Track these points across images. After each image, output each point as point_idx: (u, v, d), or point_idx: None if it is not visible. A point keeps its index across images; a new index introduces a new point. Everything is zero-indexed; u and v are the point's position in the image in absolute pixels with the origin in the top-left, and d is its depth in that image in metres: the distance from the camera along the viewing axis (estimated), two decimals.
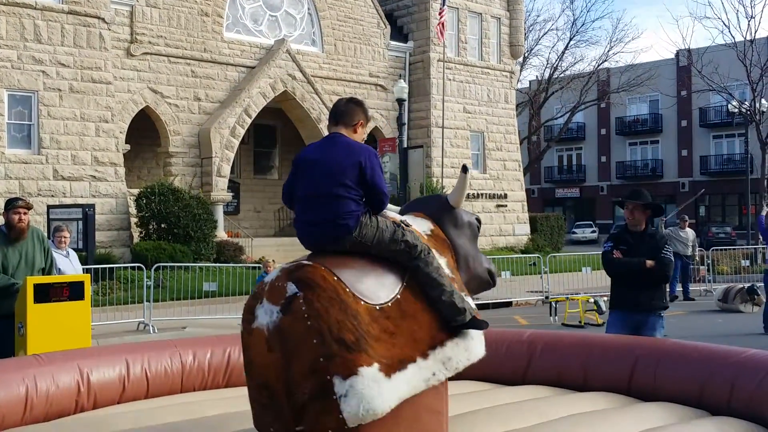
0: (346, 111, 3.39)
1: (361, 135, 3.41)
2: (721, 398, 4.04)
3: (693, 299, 15.34)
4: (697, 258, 16.65)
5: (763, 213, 12.17)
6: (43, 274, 5.92)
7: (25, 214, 5.73)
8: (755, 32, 32.92)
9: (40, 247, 5.92)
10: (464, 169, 3.56)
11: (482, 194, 26.93)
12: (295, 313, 2.92)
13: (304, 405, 2.90)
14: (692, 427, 3.75)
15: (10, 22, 17.29)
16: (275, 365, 2.95)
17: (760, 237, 11.79)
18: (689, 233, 15.39)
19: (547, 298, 14.86)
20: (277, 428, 3.00)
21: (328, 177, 3.21)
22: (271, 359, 2.95)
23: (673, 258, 5.58)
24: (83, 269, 11.46)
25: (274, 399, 2.98)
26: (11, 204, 5.77)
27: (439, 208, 3.69)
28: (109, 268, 13.85)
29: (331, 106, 3.51)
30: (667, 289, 15.53)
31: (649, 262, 5.40)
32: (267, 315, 2.98)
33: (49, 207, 16.62)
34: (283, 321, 2.94)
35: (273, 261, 11.65)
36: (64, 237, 7.81)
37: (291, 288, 2.97)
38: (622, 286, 5.57)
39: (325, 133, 16.31)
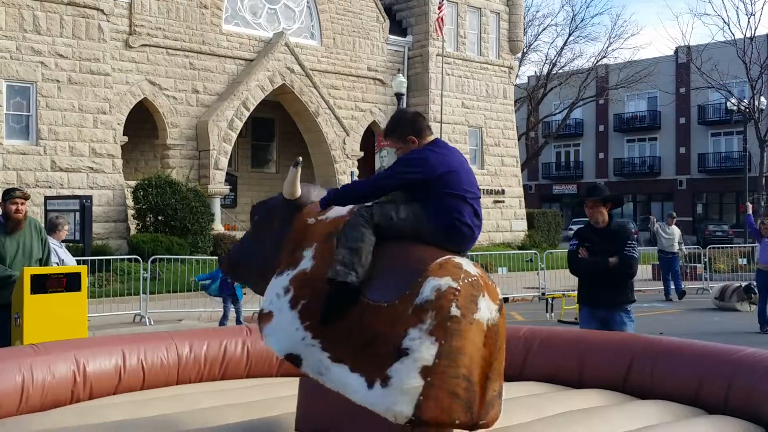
0: None
1: None
2: (718, 397, 4.04)
3: (684, 292, 15.35)
4: (684, 252, 16.72)
5: (749, 212, 12.37)
6: (40, 265, 5.92)
7: (22, 204, 5.72)
8: (755, 29, 32.93)
9: (38, 238, 5.92)
10: (295, 163, 3.54)
11: (479, 189, 26.92)
12: (504, 317, 3.18)
13: (491, 401, 3.08)
14: (688, 425, 3.75)
15: (9, 12, 17.22)
16: (483, 361, 3.03)
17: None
18: (675, 230, 15.47)
19: (543, 294, 14.88)
20: (464, 420, 2.97)
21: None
22: (482, 354, 3.03)
23: (636, 254, 5.57)
24: (81, 261, 11.46)
25: (470, 392, 2.98)
26: (8, 194, 5.76)
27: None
28: (106, 259, 13.84)
29: (416, 116, 3.56)
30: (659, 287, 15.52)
31: (612, 260, 5.43)
32: (488, 311, 3.06)
33: (46, 198, 16.59)
34: (500, 321, 3.12)
35: None
36: (65, 230, 7.86)
37: (499, 292, 3.19)
38: (586, 283, 5.69)
39: (324, 127, 16.44)
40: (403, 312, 3.01)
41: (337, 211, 3.49)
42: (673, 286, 15.46)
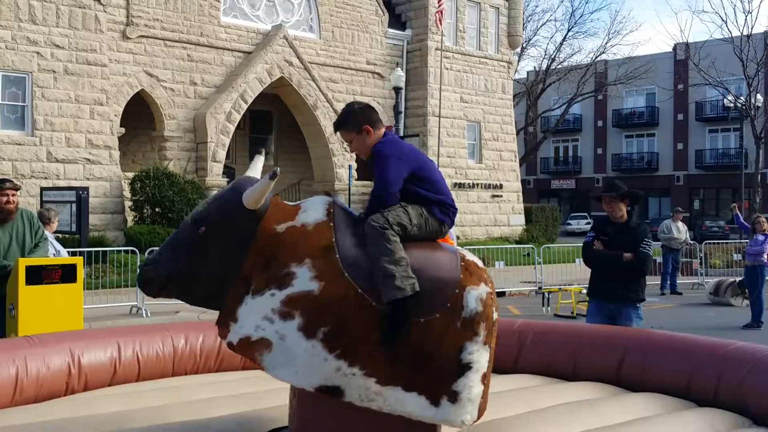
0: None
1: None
2: (708, 390, 4.08)
3: (680, 293, 15.41)
4: (690, 244, 16.73)
5: (735, 212, 12.65)
6: (31, 254, 5.90)
7: (13, 195, 5.71)
8: (752, 27, 32.99)
9: (30, 229, 5.90)
10: (273, 174, 2.96)
11: (478, 184, 26.94)
12: None
13: None
14: (678, 417, 3.78)
15: (4, 2, 17.14)
16: None
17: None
18: (681, 227, 15.44)
19: (540, 288, 14.92)
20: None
21: None
22: None
23: (651, 252, 5.68)
24: (77, 252, 11.46)
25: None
26: None
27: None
28: (103, 251, 13.84)
29: (369, 107, 3.44)
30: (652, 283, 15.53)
31: (627, 255, 5.51)
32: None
33: (42, 189, 16.57)
34: None
35: None
36: (56, 222, 7.93)
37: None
38: (599, 276, 5.75)
39: (322, 120, 16.62)
40: (448, 326, 3.01)
41: (314, 215, 3.11)
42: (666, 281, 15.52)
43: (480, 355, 3.05)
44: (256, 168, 3.36)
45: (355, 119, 3.33)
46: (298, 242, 3.03)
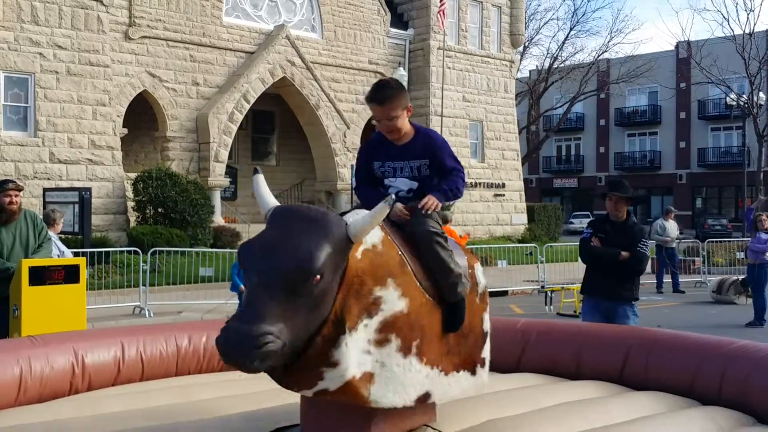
0: None
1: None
2: (712, 388, 4.08)
3: (683, 291, 15.39)
4: (679, 239, 16.71)
5: (753, 205, 12.48)
6: (35, 255, 5.91)
7: (16, 196, 5.72)
8: (754, 25, 33.02)
9: (33, 229, 5.91)
10: (390, 201, 2.71)
11: (480, 183, 26.93)
12: None
13: None
14: (682, 416, 3.77)
15: (7, 3, 17.17)
16: None
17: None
18: (673, 225, 15.44)
19: (543, 287, 14.91)
20: None
21: None
22: None
23: (648, 253, 5.72)
24: (80, 253, 11.48)
25: None
26: (1, 187, 5.75)
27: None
28: (105, 251, 13.85)
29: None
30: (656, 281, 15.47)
31: (624, 254, 5.52)
32: None
33: (45, 190, 16.59)
34: None
35: None
36: (62, 223, 7.99)
37: None
38: (594, 273, 5.77)
39: (324, 120, 16.49)
40: (471, 303, 3.33)
41: (375, 232, 2.89)
42: (667, 279, 15.49)
43: (489, 321, 3.49)
44: (265, 189, 2.97)
45: (406, 96, 3.26)
46: (377, 265, 2.86)
